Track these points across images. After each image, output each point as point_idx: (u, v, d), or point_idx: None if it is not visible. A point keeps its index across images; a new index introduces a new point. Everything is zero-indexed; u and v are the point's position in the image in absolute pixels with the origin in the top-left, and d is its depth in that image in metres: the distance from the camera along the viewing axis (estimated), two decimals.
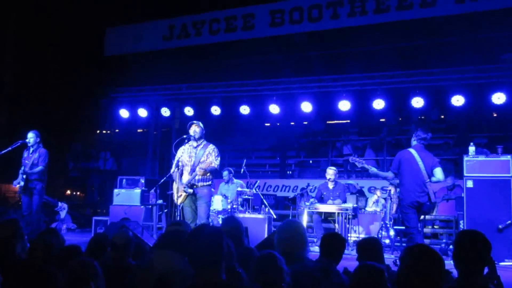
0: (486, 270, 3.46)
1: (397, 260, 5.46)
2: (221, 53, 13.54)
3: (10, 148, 8.49)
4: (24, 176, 8.32)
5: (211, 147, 7.15)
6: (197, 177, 6.96)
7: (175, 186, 7.22)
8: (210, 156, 7.06)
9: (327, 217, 9.51)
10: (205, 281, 2.55)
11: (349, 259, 4.14)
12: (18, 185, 8.53)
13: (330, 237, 4.17)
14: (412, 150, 7.16)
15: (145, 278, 3.21)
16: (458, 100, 10.50)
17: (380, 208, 10.03)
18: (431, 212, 10.71)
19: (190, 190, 6.93)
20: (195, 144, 7.14)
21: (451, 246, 7.40)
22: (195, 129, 7.15)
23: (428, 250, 2.69)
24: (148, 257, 3.42)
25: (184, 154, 7.16)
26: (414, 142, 7.29)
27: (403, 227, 7.75)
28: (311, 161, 15.84)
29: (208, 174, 7.05)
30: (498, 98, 10.14)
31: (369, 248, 4.13)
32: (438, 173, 7.07)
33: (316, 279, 3.40)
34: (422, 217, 8.42)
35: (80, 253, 3.78)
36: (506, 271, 7.03)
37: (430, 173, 7.04)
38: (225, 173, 10.56)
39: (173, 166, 7.24)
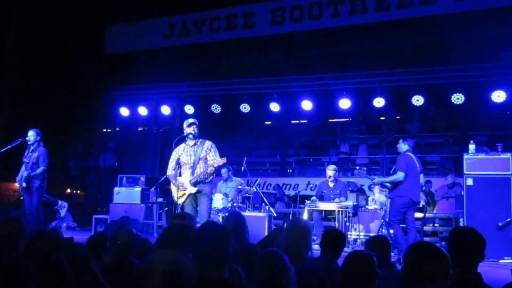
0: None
1: (401, 259, 5.47)
2: (222, 51, 13.56)
3: (9, 146, 8.46)
4: (26, 178, 8.31)
5: (208, 143, 7.14)
6: (203, 175, 6.96)
7: (173, 186, 7.20)
8: (209, 152, 7.05)
9: (327, 215, 9.51)
10: (209, 279, 2.56)
11: None
12: (19, 185, 8.54)
13: (331, 234, 4.17)
14: (411, 154, 7.80)
15: (148, 276, 3.21)
16: (458, 98, 10.51)
17: (378, 206, 10.04)
18: (432, 210, 10.75)
19: (195, 189, 6.93)
20: (191, 142, 7.12)
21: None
22: (194, 128, 7.13)
23: (432, 247, 2.68)
24: (150, 255, 3.42)
25: (183, 153, 7.15)
26: (406, 147, 7.92)
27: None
28: (311, 159, 15.84)
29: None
30: (498, 96, 10.14)
31: (378, 246, 4.15)
32: (421, 178, 7.97)
33: (321, 279, 3.41)
34: (421, 215, 8.48)
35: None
36: (506, 269, 7.05)
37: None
38: (224, 170, 10.55)
39: (171, 167, 7.21)
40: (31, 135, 8.50)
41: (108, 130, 16.56)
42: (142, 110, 13.19)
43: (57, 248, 3.39)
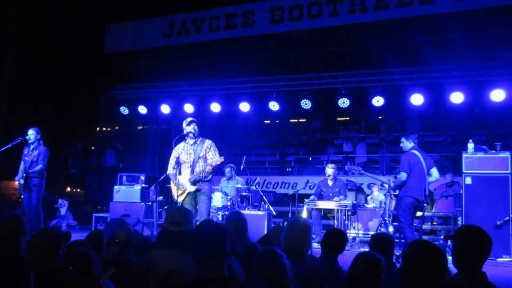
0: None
1: (399, 257, 5.49)
2: (221, 50, 13.55)
3: (10, 145, 8.48)
4: (24, 175, 8.33)
5: (208, 142, 7.17)
6: (202, 174, 6.98)
7: (173, 184, 7.23)
8: (208, 151, 7.08)
9: (326, 214, 9.55)
10: (208, 276, 2.58)
11: (348, 255, 4.16)
12: (18, 183, 8.55)
13: (333, 234, 4.19)
14: (415, 152, 7.40)
15: (146, 275, 3.23)
16: (457, 97, 10.54)
17: (377, 204, 10.07)
18: (430, 208, 10.78)
19: (194, 187, 6.96)
20: (191, 141, 7.15)
21: (448, 242, 7.44)
22: (194, 127, 7.16)
23: (430, 246, 2.70)
24: (149, 254, 3.44)
25: (183, 152, 7.17)
26: (411, 144, 7.51)
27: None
28: (310, 158, 15.87)
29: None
30: (497, 95, 10.17)
31: (383, 243, 4.19)
32: (435, 172, 7.49)
33: (325, 277, 3.43)
34: (420, 213, 8.49)
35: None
36: (504, 267, 7.09)
37: (427, 173, 7.40)
38: (228, 169, 10.60)
39: (171, 165, 7.23)
40: (31, 133, 8.52)
41: (108, 129, 16.59)
42: (142, 109, 13.21)
43: (57, 245, 3.42)
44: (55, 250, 3.19)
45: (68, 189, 20.04)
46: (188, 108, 12.59)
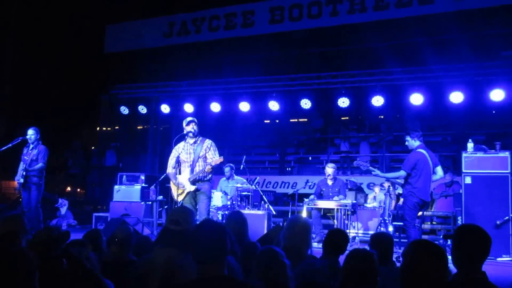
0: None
1: (400, 257, 5.50)
2: (221, 50, 13.57)
3: (10, 145, 8.50)
4: (24, 173, 8.33)
5: (208, 142, 7.18)
6: (201, 174, 7.00)
7: (173, 184, 7.24)
8: (208, 150, 7.09)
9: (326, 213, 9.56)
10: (208, 276, 2.59)
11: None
12: (17, 182, 8.56)
13: (336, 234, 4.20)
14: (423, 151, 7.28)
15: (147, 274, 3.24)
16: (456, 97, 10.55)
17: (377, 204, 10.08)
18: (430, 208, 10.79)
19: (194, 187, 6.97)
20: (191, 141, 7.17)
21: (448, 242, 7.45)
22: (193, 126, 7.17)
23: (430, 245, 2.71)
24: (150, 254, 3.45)
25: (183, 152, 7.19)
26: (417, 142, 7.37)
27: (402, 223, 7.81)
28: (310, 158, 15.89)
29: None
30: (497, 94, 10.18)
31: (383, 242, 4.20)
32: (440, 171, 7.41)
33: (326, 277, 3.44)
34: (420, 213, 8.50)
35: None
36: (504, 266, 7.10)
37: (433, 171, 7.30)
38: (227, 169, 10.60)
39: (170, 164, 7.25)
40: (32, 133, 8.54)
41: (108, 129, 16.61)
42: (142, 109, 13.24)
43: (57, 244, 3.43)
44: (55, 249, 3.21)
45: (68, 188, 20.03)
46: (188, 108, 12.61)
